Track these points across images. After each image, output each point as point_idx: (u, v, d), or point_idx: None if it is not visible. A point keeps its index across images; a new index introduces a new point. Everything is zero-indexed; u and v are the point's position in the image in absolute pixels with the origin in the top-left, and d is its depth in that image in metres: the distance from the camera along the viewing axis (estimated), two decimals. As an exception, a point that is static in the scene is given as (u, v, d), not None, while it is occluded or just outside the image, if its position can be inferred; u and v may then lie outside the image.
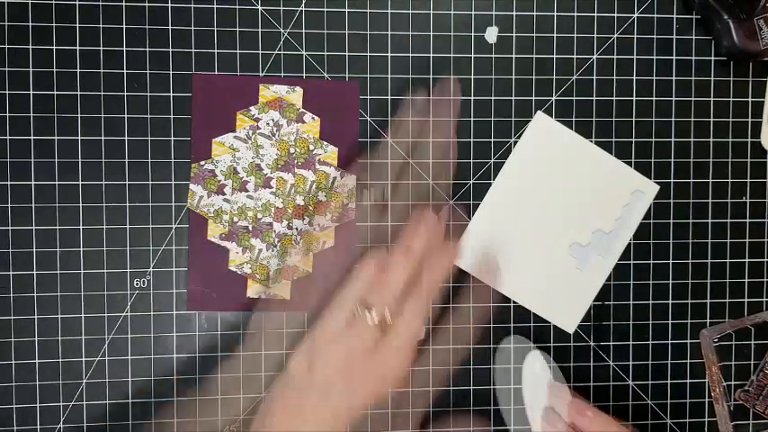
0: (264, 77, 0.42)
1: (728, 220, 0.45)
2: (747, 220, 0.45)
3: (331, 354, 0.35)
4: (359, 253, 0.42)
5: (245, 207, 0.41)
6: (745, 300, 0.45)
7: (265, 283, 0.42)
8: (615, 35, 0.44)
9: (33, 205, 0.41)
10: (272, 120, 0.41)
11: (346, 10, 0.42)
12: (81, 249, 0.41)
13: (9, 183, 0.41)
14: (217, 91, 0.41)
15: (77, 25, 0.41)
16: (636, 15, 0.44)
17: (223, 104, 0.41)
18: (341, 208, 0.42)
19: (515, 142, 0.43)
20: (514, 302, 0.44)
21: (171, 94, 0.41)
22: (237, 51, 0.42)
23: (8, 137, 0.40)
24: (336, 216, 0.42)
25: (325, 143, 0.42)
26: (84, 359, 0.41)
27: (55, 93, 0.41)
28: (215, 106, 0.41)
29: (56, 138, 0.41)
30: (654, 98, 0.44)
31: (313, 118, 0.42)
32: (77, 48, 0.41)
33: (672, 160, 0.44)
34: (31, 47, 0.40)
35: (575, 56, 0.44)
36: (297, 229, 0.42)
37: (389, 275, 0.36)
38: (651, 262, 0.44)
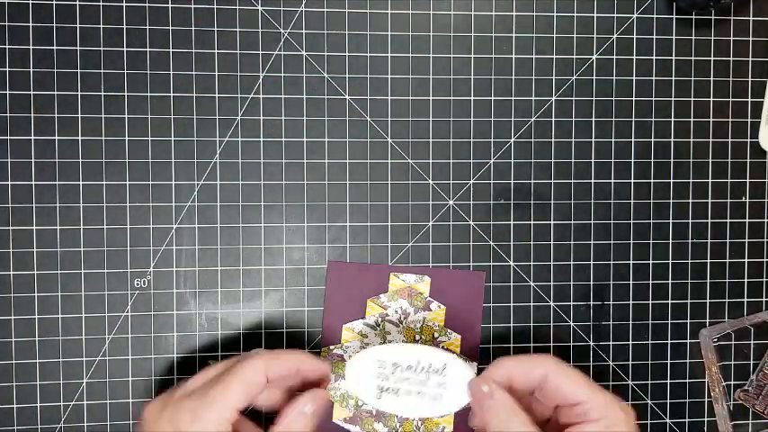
0: (395, 267, 0.42)
1: (728, 221, 0.45)
2: (747, 221, 0.45)
3: (184, 405, 0.34)
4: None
5: None
6: (745, 300, 0.45)
7: None
8: (615, 35, 0.44)
9: (34, 205, 0.41)
10: (401, 308, 0.42)
11: (346, 10, 0.42)
12: (81, 249, 0.41)
13: (9, 183, 0.41)
14: (350, 278, 0.42)
15: (77, 25, 0.41)
16: (636, 16, 0.44)
17: (355, 291, 0.42)
18: None
19: (515, 142, 0.44)
20: (514, 304, 0.44)
21: (171, 95, 0.41)
22: (237, 51, 0.42)
23: (8, 137, 0.41)
24: None
25: (449, 331, 0.43)
26: (84, 359, 0.41)
27: (55, 93, 0.41)
28: (347, 292, 0.42)
29: (56, 138, 0.41)
30: (653, 98, 0.44)
31: (439, 306, 0.43)
32: (77, 48, 0.41)
33: (671, 160, 0.44)
34: (31, 47, 0.40)
35: (574, 56, 0.44)
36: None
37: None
38: (651, 262, 0.45)
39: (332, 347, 0.42)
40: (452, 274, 0.43)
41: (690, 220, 0.45)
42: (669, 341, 0.45)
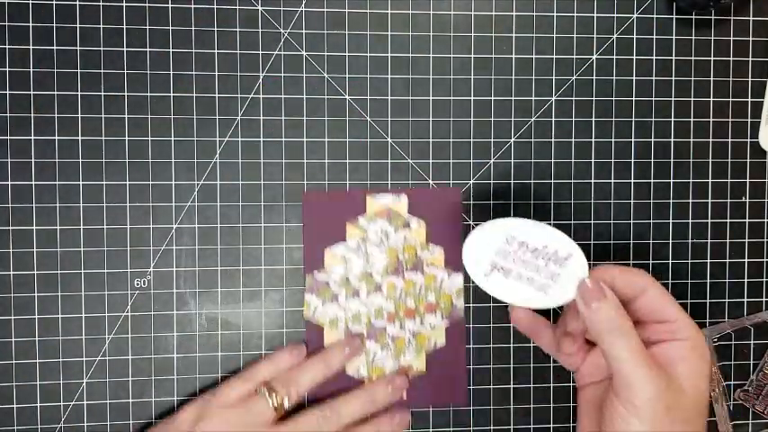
0: (371, 189, 0.42)
1: (728, 221, 0.45)
2: (747, 221, 0.45)
3: (220, 416, 0.38)
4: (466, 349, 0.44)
5: (359, 313, 0.43)
6: (745, 300, 0.45)
7: None
8: (615, 35, 0.44)
9: (34, 205, 0.41)
10: (381, 229, 0.43)
11: (346, 10, 0.42)
12: (81, 249, 0.41)
13: (9, 183, 0.41)
14: (326, 205, 0.42)
15: (77, 25, 0.41)
16: (636, 16, 0.44)
17: (333, 216, 0.42)
18: (450, 307, 0.43)
19: (515, 142, 0.43)
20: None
21: (171, 95, 0.41)
22: (237, 51, 0.42)
23: (8, 137, 0.41)
24: (446, 314, 0.43)
25: (432, 246, 0.43)
26: (84, 359, 0.41)
27: (55, 93, 0.41)
28: (325, 219, 0.42)
29: (56, 138, 0.41)
30: (653, 98, 0.44)
31: (419, 224, 0.43)
32: (77, 48, 0.41)
33: (671, 160, 0.44)
34: (31, 47, 0.40)
35: (574, 56, 0.44)
36: (409, 330, 0.43)
37: (300, 371, 0.40)
38: (651, 262, 0.44)
39: (316, 274, 0.42)
40: (429, 191, 0.43)
41: (690, 220, 0.45)
42: (669, 341, 0.45)
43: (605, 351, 0.33)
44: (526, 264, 0.36)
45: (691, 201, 0.45)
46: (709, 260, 0.45)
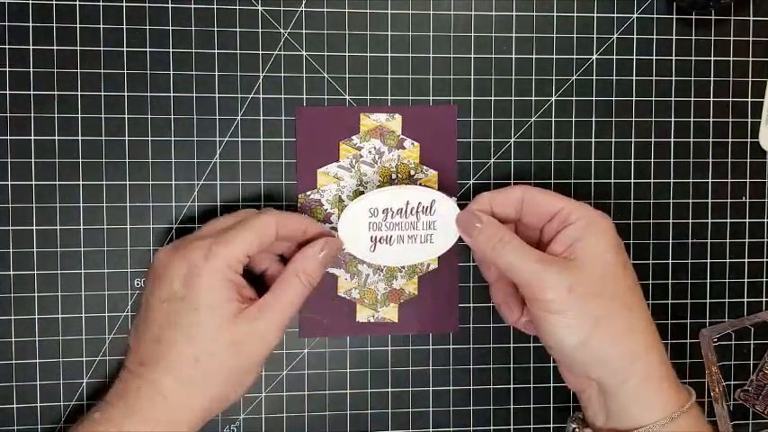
0: (366, 107, 0.42)
1: (728, 221, 0.45)
2: (747, 221, 0.45)
3: (197, 244, 0.35)
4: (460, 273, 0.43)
5: None
6: (745, 299, 0.45)
7: (374, 308, 0.42)
8: (615, 35, 0.44)
9: (34, 205, 0.41)
10: (374, 147, 0.42)
11: (346, 10, 0.42)
12: (81, 249, 0.41)
13: (9, 183, 0.41)
14: (320, 122, 0.42)
15: (77, 25, 0.41)
16: (636, 15, 0.44)
17: (326, 135, 0.42)
18: None
19: (515, 142, 0.44)
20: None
21: (171, 95, 0.41)
22: (237, 51, 0.42)
23: (8, 137, 0.40)
24: None
25: (425, 167, 0.43)
26: (84, 359, 0.41)
27: (55, 93, 0.41)
28: (319, 137, 0.42)
29: (56, 138, 0.41)
30: (653, 98, 0.44)
31: (413, 144, 0.43)
32: (77, 48, 0.41)
33: (671, 160, 0.44)
34: (31, 47, 0.40)
35: (574, 56, 0.44)
36: None
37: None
38: (651, 262, 0.45)
39: (308, 193, 0.42)
40: (424, 110, 0.43)
41: (690, 220, 0.45)
42: (669, 341, 0.45)
43: (501, 268, 0.34)
44: (400, 225, 0.38)
45: (691, 201, 0.45)
46: (709, 260, 0.45)
